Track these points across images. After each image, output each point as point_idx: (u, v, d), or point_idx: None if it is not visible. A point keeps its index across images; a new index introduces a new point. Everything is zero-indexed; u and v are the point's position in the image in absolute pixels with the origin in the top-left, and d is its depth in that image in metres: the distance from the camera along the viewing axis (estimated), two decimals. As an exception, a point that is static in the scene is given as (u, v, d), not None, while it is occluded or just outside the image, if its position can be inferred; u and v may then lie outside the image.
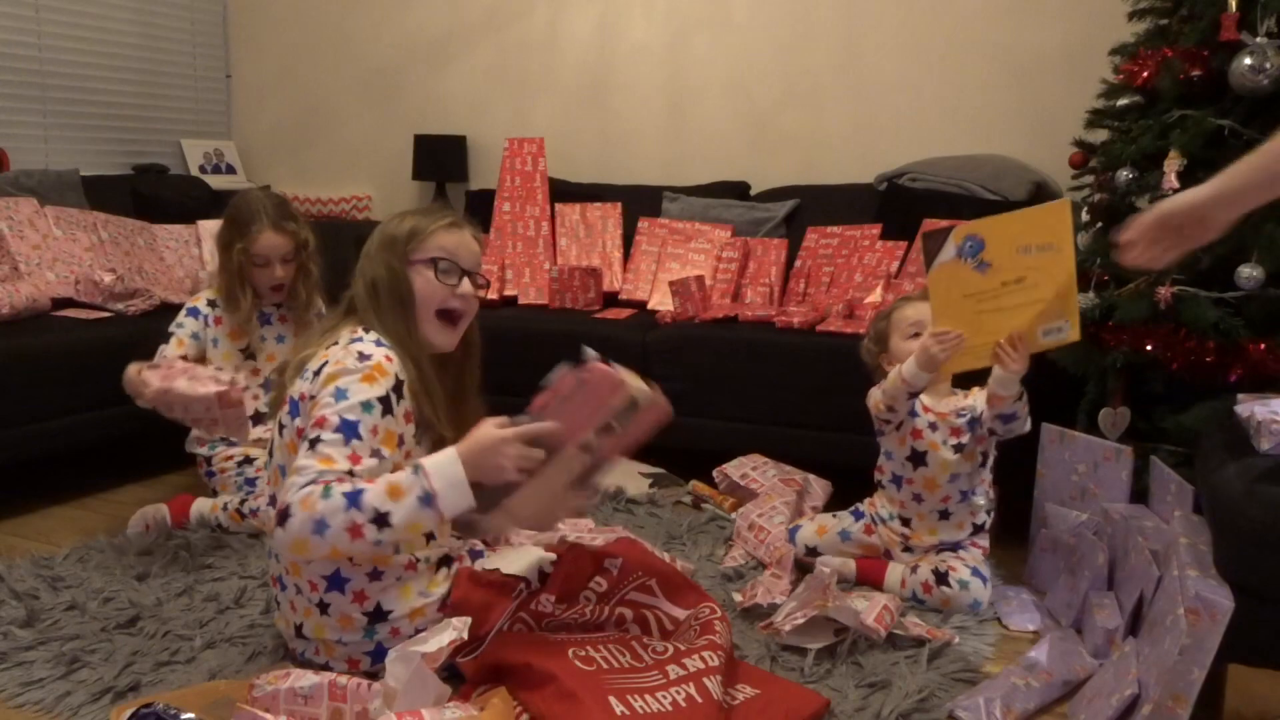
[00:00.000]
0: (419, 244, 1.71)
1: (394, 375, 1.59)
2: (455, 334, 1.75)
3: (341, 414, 1.51)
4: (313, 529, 1.42)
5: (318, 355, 1.62)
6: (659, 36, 3.73)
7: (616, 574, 1.76)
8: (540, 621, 1.66)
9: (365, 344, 1.60)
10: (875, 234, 3.05)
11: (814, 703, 1.60)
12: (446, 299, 1.71)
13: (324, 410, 1.51)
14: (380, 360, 1.58)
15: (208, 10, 4.37)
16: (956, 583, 2.01)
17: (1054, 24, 3.16)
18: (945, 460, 2.07)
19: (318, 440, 1.49)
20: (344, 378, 1.54)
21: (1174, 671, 1.45)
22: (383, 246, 1.72)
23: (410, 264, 1.70)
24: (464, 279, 1.73)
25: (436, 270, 1.70)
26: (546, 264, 3.33)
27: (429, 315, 1.70)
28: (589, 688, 1.46)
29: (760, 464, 2.60)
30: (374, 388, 1.54)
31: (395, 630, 1.61)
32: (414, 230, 1.72)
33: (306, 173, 4.35)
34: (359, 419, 1.51)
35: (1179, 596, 1.52)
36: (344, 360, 1.56)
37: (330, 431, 1.49)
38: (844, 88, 3.48)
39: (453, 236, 1.73)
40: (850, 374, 2.54)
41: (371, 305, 1.68)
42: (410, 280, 1.69)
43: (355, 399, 1.52)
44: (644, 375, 2.76)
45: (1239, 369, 2.02)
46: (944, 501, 2.10)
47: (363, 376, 1.54)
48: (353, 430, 1.50)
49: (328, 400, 1.52)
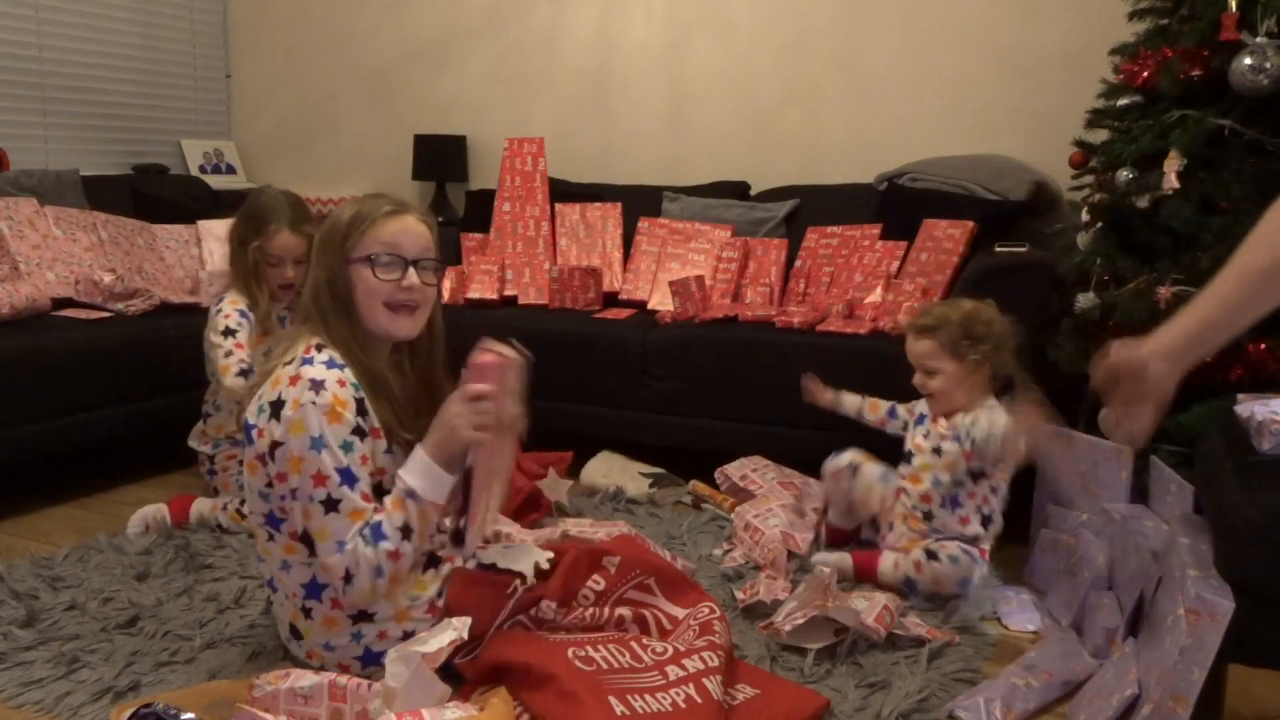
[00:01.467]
0: (358, 239, 1.61)
1: (351, 399, 1.55)
2: (414, 321, 1.67)
3: (334, 466, 1.52)
4: (374, 575, 1.53)
5: (272, 375, 1.58)
6: (659, 36, 3.73)
7: (615, 572, 1.76)
8: (540, 626, 1.66)
9: (315, 368, 1.55)
10: (875, 234, 3.05)
11: (814, 703, 1.60)
12: (392, 294, 1.62)
13: (315, 466, 1.51)
14: (334, 391, 1.53)
15: (208, 10, 4.37)
16: (947, 558, 2.03)
17: (1054, 24, 3.16)
18: (925, 462, 2.14)
19: (335, 501, 1.52)
20: (311, 421, 1.51)
21: (1174, 672, 1.45)
22: (322, 246, 1.65)
23: (349, 262, 1.61)
24: (409, 270, 1.63)
25: (374, 268, 1.60)
26: (546, 264, 3.33)
27: (376, 311, 1.63)
28: (589, 688, 1.46)
29: (761, 466, 2.60)
30: (343, 425, 1.53)
31: (383, 633, 1.62)
32: (351, 225, 1.62)
33: (306, 173, 4.35)
34: (349, 463, 1.54)
35: (1179, 597, 1.52)
36: (300, 398, 1.51)
37: (338, 487, 1.52)
38: (844, 88, 3.48)
39: (393, 224, 1.63)
40: (850, 374, 2.55)
41: (317, 311, 1.63)
42: (350, 281, 1.61)
43: (335, 443, 1.52)
44: (642, 375, 2.79)
45: (1239, 369, 2.02)
46: (924, 500, 2.13)
47: (329, 416, 1.52)
48: (349, 475, 1.53)
49: (310, 454, 1.51)
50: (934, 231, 2.90)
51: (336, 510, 1.52)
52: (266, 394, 1.56)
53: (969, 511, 2.10)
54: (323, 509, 1.52)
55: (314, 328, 1.63)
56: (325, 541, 1.53)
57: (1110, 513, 2.02)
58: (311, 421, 1.51)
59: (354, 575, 1.52)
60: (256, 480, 1.59)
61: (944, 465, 2.10)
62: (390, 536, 1.54)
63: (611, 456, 2.83)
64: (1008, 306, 2.23)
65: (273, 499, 1.57)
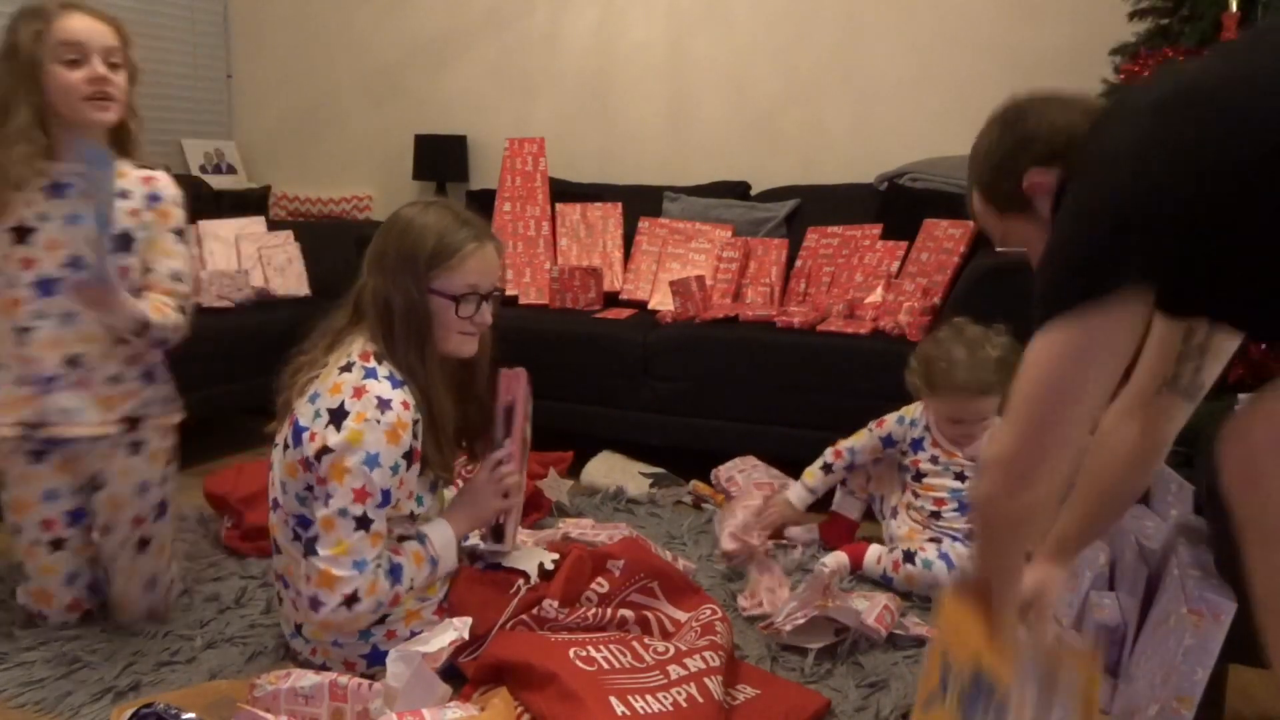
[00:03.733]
0: (442, 270, 1.59)
1: (411, 423, 1.56)
2: (476, 340, 1.69)
3: (380, 486, 1.52)
4: (374, 608, 1.56)
5: (328, 380, 1.56)
6: (659, 36, 3.73)
7: (619, 575, 1.76)
8: (542, 625, 1.67)
9: (380, 384, 1.54)
10: (876, 234, 3.05)
11: (814, 703, 1.60)
12: (465, 328, 1.64)
13: (362, 481, 1.51)
14: (399, 412, 1.53)
15: (208, 10, 4.37)
16: (921, 562, 2.07)
17: (1054, 24, 3.16)
18: (942, 482, 2.19)
19: (368, 521, 1.52)
20: (370, 438, 1.50)
21: (1178, 672, 1.45)
22: (402, 265, 1.60)
23: (430, 292, 1.60)
24: (483, 305, 1.64)
25: (458, 308, 1.60)
26: (547, 264, 3.33)
27: (450, 338, 1.64)
28: (590, 688, 1.46)
29: (749, 467, 2.59)
30: (399, 446, 1.54)
31: (391, 633, 1.62)
32: (436, 253, 1.59)
33: (307, 173, 4.35)
34: (391, 485, 1.55)
35: (1181, 597, 1.52)
36: (365, 412, 1.51)
37: (374, 508, 1.53)
38: (844, 88, 3.48)
39: (475, 261, 1.61)
40: (850, 374, 2.55)
41: (383, 329, 1.60)
42: (429, 311, 1.60)
43: (387, 464, 1.53)
44: (643, 374, 2.79)
45: (1239, 369, 2.02)
46: (937, 504, 2.18)
47: (388, 436, 1.52)
48: (388, 498, 1.55)
49: (362, 469, 1.50)
50: (934, 231, 2.90)
51: (366, 530, 1.52)
52: (324, 399, 1.54)
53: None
54: (354, 524, 1.51)
55: (371, 336, 1.61)
56: (343, 556, 1.51)
57: (1111, 513, 2.02)
58: (371, 438, 1.51)
59: (360, 600, 1.52)
60: (296, 483, 1.58)
61: (967, 487, 2.15)
62: (403, 583, 1.58)
63: (612, 456, 2.83)
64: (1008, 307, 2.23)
65: (310, 504, 1.57)
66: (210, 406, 2.89)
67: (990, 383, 2.06)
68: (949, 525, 2.16)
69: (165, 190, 1.80)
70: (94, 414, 1.69)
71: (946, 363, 2.08)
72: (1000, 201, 1.31)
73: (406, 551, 1.60)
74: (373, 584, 1.53)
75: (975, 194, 1.36)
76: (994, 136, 1.33)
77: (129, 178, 1.75)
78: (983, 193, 1.34)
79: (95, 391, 1.70)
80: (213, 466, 2.75)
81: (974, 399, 2.08)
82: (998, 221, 1.34)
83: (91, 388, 1.69)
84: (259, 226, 3.59)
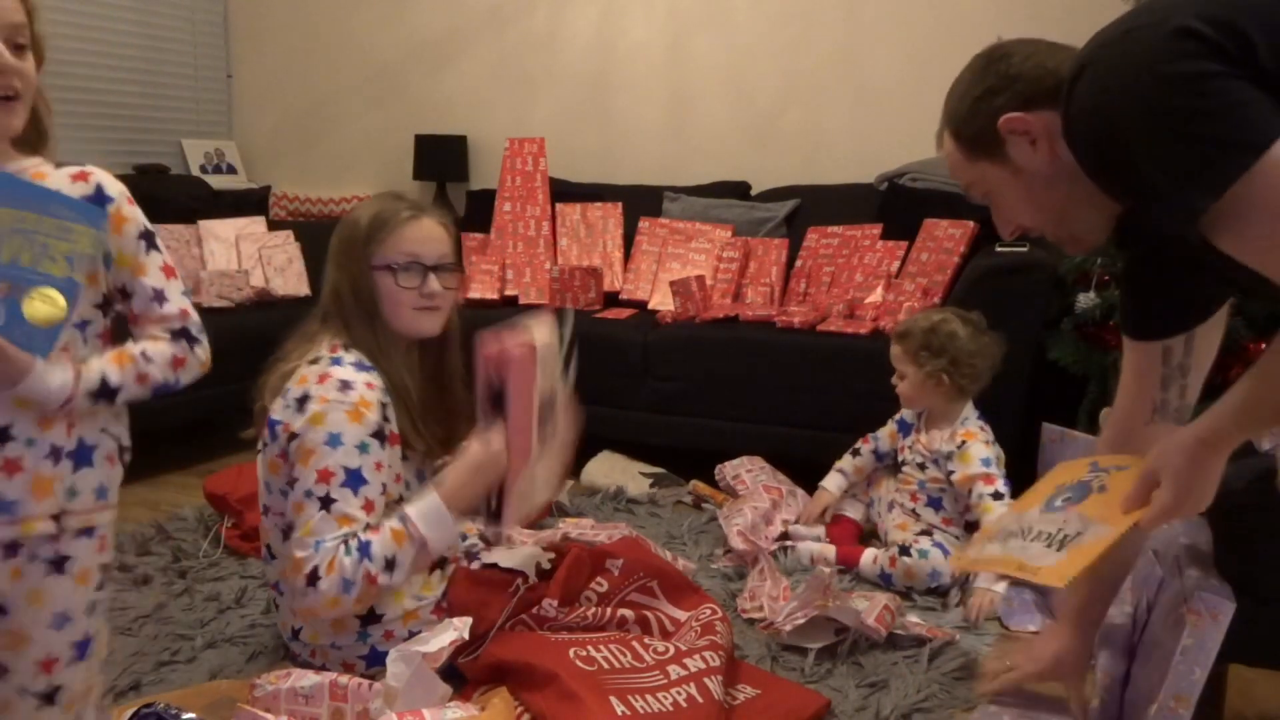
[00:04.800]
0: (378, 246, 1.61)
1: (378, 403, 1.56)
2: (438, 319, 1.67)
3: (344, 464, 1.50)
4: (341, 588, 1.48)
5: (297, 374, 1.58)
6: (659, 36, 3.73)
7: (618, 574, 1.76)
8: (542, 625, 1.67)
9: (344, 368, 1.55)
10: (876, 234, 3.05)
11: (814, 703, 1.60)
12: (414, 301, 1.62)
13: (325, 461, 1.50)
14: (362, 392, 1.54)
15: (208, 10, 4.37)
16: (917, 552, 2.11)
17: (1054, 24, 3.14)
18: (911, 473, 2.26)
19: (331, 501, 1.49)
20: (332, 417, 1.51)
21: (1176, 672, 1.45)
22: (342, 250, 1.64)
23: (372, 269, 1.61)
24: (429, 276, 1.63)
25: (396, 277, 1.61)
26: (547, 264, 3.33)
27: (402, 312, 1.63)
28: (590, 688, 1.46)
29: (756, 468, 2.59)
30: (364, 425, 1.53)
31: (389, 633, 1.61)
32: (372, 230, 1.61)
33: (307, 172, 4.35)
34: (360, 464, 1.52)
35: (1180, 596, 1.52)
36: (327, 394, 1.52)
37: (339, 486, 1.50)
38: (844, 88, 3.48)
39: (413, 231, 1.62)
40: (850, 374, 2.55)
41: (339, 314, 1.62)
42: (374, 286, 1.61)
43: (351, 442, 1.51)
44: (643, 375, 2.79)
45: (1239, 369, 2.02)
46: (913, 500, 2.25)
47: (350, 415, 1.51)
48: (358, 478, 1.51)
49: (324, 448, 1.50)
50: (935, 231, 2.90)
51: (329, 510, 1.50)
52: (293, 391, 1.56)
53: (952, 514, 2.20)
54: (317, 504, 1.50)
55: (336, 329, 1.63)
56: (306, 537, 1.49)
57: (1111, 513, 2.02)
58: (333, 418, 1.51)
59: (320, 579, 1.47)
60: (278, 479, 1.58)
61: (929, 479, 2.22)
62: (375, 560, 1.50)
63: (612, 456, 2.83)
64: (1008, 306, 2.23)
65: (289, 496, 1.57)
66: (210, 406, 2.90)
67: (903, 331, 2.21)
68: (929, 523, 2.21)
69: (109, 187, 1.28)
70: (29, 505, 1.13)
71: None
72: (970, 142, 1.23)
73: (384, 529, 1.53)
74: (331, 561, 1.47)
75: (946, 134, 1.28)
76: (974, 73, 1.25)
77: (52, 179, 1.22)
78: (954, 131, 1.26)
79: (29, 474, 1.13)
80: (213, 466, 2.75)
81: (892, 342, 2.23)
82: (966, 166, 1.25)
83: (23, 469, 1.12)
84: (259, 226, 3.60)
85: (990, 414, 2.21)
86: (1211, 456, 1.07)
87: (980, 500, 2.09)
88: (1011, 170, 1.19)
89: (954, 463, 2.15)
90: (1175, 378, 1.28)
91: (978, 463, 2.12)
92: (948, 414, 2.22)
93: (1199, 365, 1.28)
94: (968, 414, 2.21)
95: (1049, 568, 1.15)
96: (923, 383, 2.18)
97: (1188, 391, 1.29)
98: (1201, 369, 1.29)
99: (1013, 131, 1.17)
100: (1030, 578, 1.18)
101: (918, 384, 2.19)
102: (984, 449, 2.14)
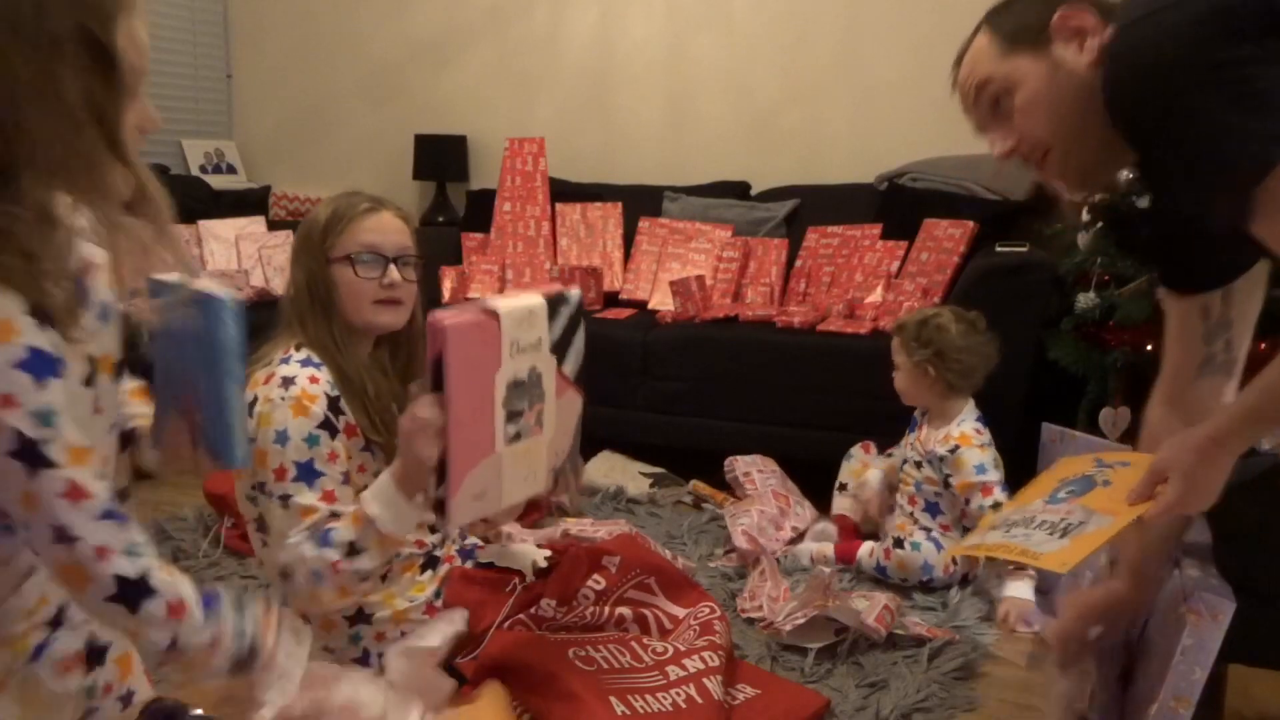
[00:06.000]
0: (335, 239, 1.60)
1: (323, 394, 1.53)
2: (399, 314, 1.64)
3: (294, 460, 1.49)
4: (312, 579, 1.45)
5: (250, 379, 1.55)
6: (659, 36, 3.73)
7: (615, 572, 1.76)
8: (540, 625, 1.66)
9: (289, 366, 1.53)
10: (876, 234, 3.05)
11: (814, 703, 1.60)
12: (374, 294, 1.60)
13: (278, 459, 1.49)
14: (304, 385, 1.51)
15: (208, 10, 4.37)
16: (909, 544, 2.13)
17: (1054, 24, 3.16)
18: (909, 471, 2.26)
19: (287, 497, 1.48)
20: (276, 415, 1.49)
21: (1176, 672, 1.45)
22: (301, 246, 1.63)
23: (330, 262, 1.60)
24: (389, 267, 1.61)
25: (355, 268, 1.59)
26: (547, 264, 3.33)
27: (363, 307, 1.60)
28: (589, 688, 1.46)
29: (768, 470, 2.58)
30: (309, 418, 1.50)
31: (380, 635, 1.61)
32: (329, 224, 1.61)
33: (307, 172, 4.35)
34: (311, 456, 1.49)
35: (1180, 596, 1.52)
36: (270, 394, 1.51)
37: (292, 482, 1.48)
38: (844, 88, 3.48)
39: (370, 222, 1.61)
40: (850, 374, 2.55)
41: (295, 312, 1.61)
42: (331, 280, 1.60)
43: (297, 437, 1.49)
44: (643, 375, 2.79)
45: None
46: (911, 502, 2.24)
47: (294, 409, 1.50)
48: (310, 471, 1.49)
49: (274, 448, 1.49)
50: (934, 231, 2.90)
51: (286, 506, 1.49)
52: (246, 397, 1.52)
53: (949, 520, 2.19)
54: (279, 503, 1.49)
55: (292, 331, 1.61)
56: (277, 539, 1.49)
57: (1110, 512, 2.02)
58: (276, 415, 1.49)
59: (291, 574, 1.46)
60: (242, 485, 1.57)
61: (924, 479, 2.22)
62: (336, 546, 1.44)
63: (612, 456, 2.83)
64: (1008, 306, 2.23)
65: (259, 502, 1.57)
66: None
67: (900, 324, 2.24)
68: (926, 527, 2.20)
69: None
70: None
71: None
72: (1013, 34, 1.14)
73: (345, 516, 1.48)
74: (297, 555, 1.45)
75: (984, 28, 1.20)
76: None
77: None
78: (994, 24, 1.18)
79: None
80: (213, 466, 2.75)
81: (893, 336, 2.25)
82: (997, 59, 1.17)
83: None
84: (259, 226, 3.60)
85: (990, 414, 2.21)
86: (1221, 455, 1.11)
87: (981, 512, 2.09)
88: (1050, 65, 1.12)
89: (948, 467, 2.15)
90: (1218, 332, 1.27)
91: (972, 470, 2.11)
92: (944, 412, 2.21)
93: (1243, 318, 1.26)
94: (966, 414, 2.20)
95: (1051, 554, 1.17)
96: (911, 372, 2.20)
97: (1233, 345, 1.28)
98: (1246, 322, 1.26)
99: (1067, 26, 1.11)
100: (1032, 563, 1.20)
101: (908, 373, 2.22)
102: (978, 454, 2.13)
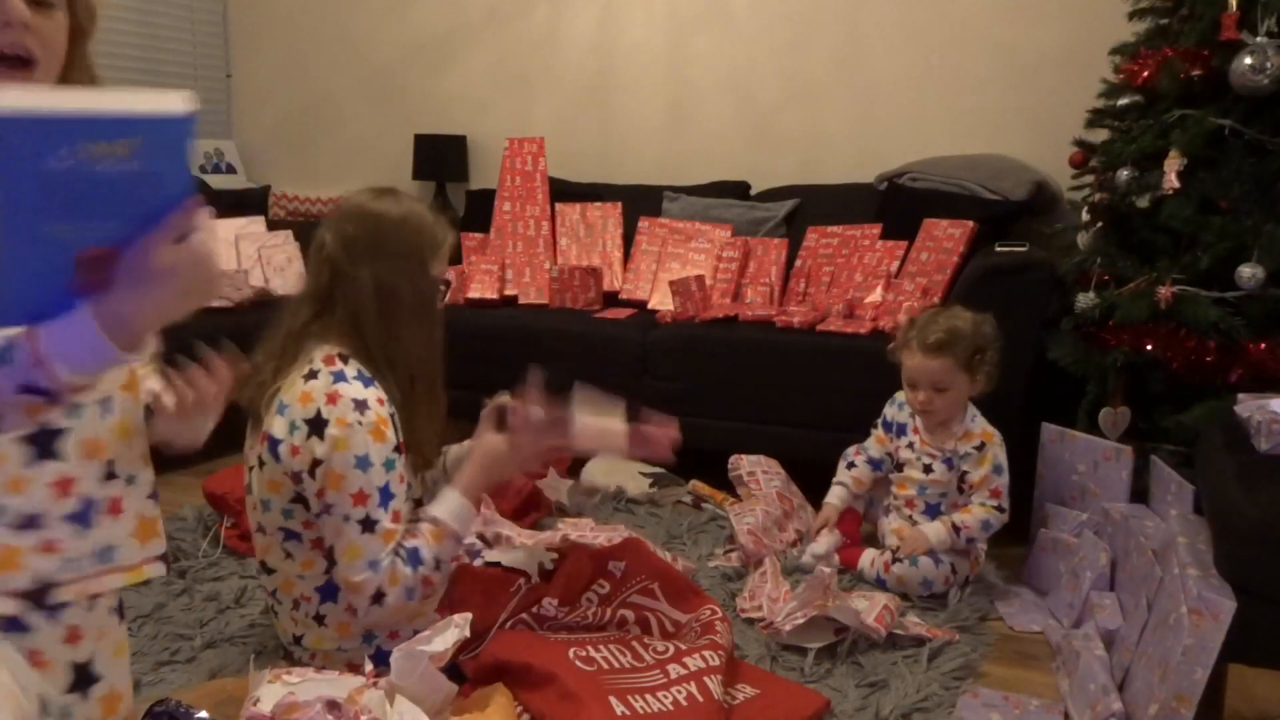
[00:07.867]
0: (433, 257, 1.62)
1: (390, 417, 1.55)
2: None
3: (376, 485, 1.52)
4: (405, 596, 1.54)
5: (293, 390, 1.52)
6: (659, 36, 3.73)
7: (620, 577, 1.76)
8: (542, 624, 1.67)
9: (352, 385, 1.52)
10: (875, 234, 3.05)
11: (814, 703, 1.60)
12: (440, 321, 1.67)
13: (358, 484, 1.50)
14: (376, 409, 1.52)
15: (208, 10, 4.36)
16: (907, 560, 2.09)
17: (1054, 24, 3.16)
18: (912, 475, 2.20)
19: (373, 522, 1.51)
20: (355, 440, 1.50)
21: (1177, 672, 1.45)
22: (409, 254, 1.58)
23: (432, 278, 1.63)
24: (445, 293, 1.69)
25: (441, 294, 1.65)
26: (547, 264, 3.33)
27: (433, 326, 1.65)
28: (590, 688, 1.46)
29: (772, 471, 2.57)
30: (385, 443, 1.53)
31: (394, 633, 1.62)
32: (433, 241, 1.61)
33: (307, 172, 4.35)
34: (388, 480, 1.53)
35: (1181, 597, 1.52)
36: (345, 417, 1.49)
37: (375, 507, 1.52)
38: (844, 88, 3.48)
39: (447, 249, 1.66)
40: (850, 374, 2.55)
41: (352, 318, 1.56)
42: (435, 298, 1.63)
43: (378, 462, 1.52)
44: (642, 374, 2.79)
45: (1239, 369, 2.02)
46: (909, 506, 2.21)
47: (373, 435, 1.51)
48: (388, 495, 1.54)
49: (354, 472, 1.50)
50: (934, 231, 2.90)
51: (373, 530, 1.51)
52: (297, 411, 1.50)
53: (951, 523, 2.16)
54: (359, 528, 1.51)
55: (338, 335, 1.56)
56: (356, 560, 1.51)
57: (1110, 513, 2.02)
58: (357, 441, 1.50)
59: (386, 594, 1.51)
60: (278, 498, 1.56)
61: (931, 482, 2.18)
62: (427, 563, 1.55)
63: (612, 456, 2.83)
64: (1008, 306, 2.23)
65: (297, 515, 1.56)
66: (210, 406, 2.89)
67: (938, 343, 2.06)
68: None
69: None
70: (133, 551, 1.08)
71: (912, 320, 2.17)
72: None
73: (422, 532, 1.57)
74: (393, 575, 1.52)
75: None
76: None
77: None
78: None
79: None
80: (213, 466, 2.75)
81: (922, 357, 2.09)
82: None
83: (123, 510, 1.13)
84: (259, 226, 3.59)
85: (990, 414, 2.21)
86: None
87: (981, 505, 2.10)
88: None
89: (969, 464, 2.13)
90: None
91: (991, 468, 2.11)
92: (953, 422, 2.18)
93: None
94: (974, 410, 2.18)
95: None
96: (967, 389, 2.10)
97: None
98: None
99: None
100: None
101: (967, 392, 2.11)
102: (1000, 453, 2.12)
